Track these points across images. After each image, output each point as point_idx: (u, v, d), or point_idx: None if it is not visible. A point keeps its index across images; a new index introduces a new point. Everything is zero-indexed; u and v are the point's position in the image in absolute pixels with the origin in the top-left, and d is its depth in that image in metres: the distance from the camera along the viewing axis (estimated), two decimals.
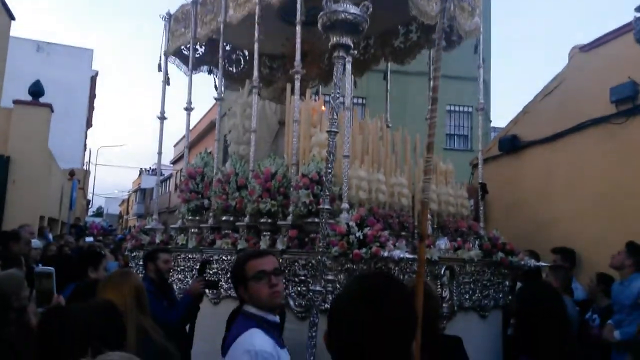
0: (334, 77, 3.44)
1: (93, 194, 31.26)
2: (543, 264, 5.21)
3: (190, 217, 5.71)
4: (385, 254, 3.61)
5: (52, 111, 10.48)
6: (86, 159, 28.82)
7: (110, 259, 6.30)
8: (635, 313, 4.04)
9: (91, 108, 29.55)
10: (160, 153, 7.05)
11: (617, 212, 5.59)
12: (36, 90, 9.97)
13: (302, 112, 5.06)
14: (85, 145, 29.04)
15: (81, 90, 26.50)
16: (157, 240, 6.03)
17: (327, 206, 3.33)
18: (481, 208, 5.77)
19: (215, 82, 6.76)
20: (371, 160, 4.81)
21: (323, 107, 5.54)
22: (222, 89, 6.53)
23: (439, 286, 4.06)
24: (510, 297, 5.33)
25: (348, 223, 3.78)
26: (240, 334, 2.09)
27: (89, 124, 29.52)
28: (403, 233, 4.58)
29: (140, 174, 37.21)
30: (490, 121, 16.22)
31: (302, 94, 5.52)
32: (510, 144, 7.64)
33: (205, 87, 6.41)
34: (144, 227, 6.97)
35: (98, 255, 4.42)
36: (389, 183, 4.76)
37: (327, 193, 3.35)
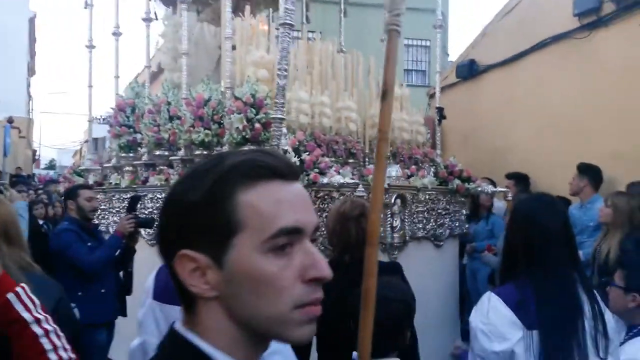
0: None
1: (40, 144, 29.72)
2: (500, 189, 4.97)
3: (123, 154, 5.28)
4: (325, 180, 3.22)
5: None
6: (30, 108, 27.10)
7: (17, 198, 5.72)
8: (596, 233, 3.87)
9: (32, 53, 27.57)
10: (90, 86, 6.52)
11: (578, 131, 5.32)
12: None
13: (238, 30, 4.53)
14: (29, 93, 27.26)
15: (20, 34, 24.50)
16: (91, 182, 5.56)
17: (280, 115, 3.22)
18: (438, 134, 5.44)
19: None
20: (315, 82, 4.33)
21: (262, 26, 4.95)
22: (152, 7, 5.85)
23: (389, 215, 3.74)
24: (467, 226, 5.12)
25: (284, 148, 3.36)
26: None
27: (31, 71, 27.63)
28: (350, 160, 4.19)
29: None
30: (448, 55, 15.72)
31: (241, 11, 4.95)
32: (468, 69, 7.24)
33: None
34: (77, 168, 6.42)
35: None
36: (335, 107, 4.31)
37: (282, 101, 3.33)
